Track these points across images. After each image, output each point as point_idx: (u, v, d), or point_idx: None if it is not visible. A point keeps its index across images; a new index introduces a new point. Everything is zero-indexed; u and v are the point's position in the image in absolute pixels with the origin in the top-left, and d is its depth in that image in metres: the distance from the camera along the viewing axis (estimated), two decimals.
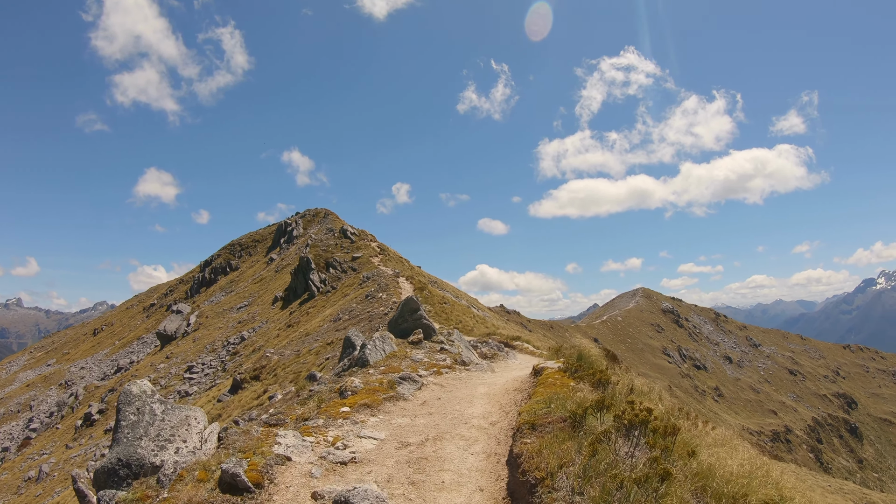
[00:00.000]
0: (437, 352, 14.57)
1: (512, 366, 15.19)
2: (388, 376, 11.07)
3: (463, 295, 57.73)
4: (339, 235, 58.31)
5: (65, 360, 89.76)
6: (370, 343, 13.23)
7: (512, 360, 16.19)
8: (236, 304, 66.00)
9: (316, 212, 78.39)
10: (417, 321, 16.56)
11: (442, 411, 9.55)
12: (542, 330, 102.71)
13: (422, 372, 12.02)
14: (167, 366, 60.48)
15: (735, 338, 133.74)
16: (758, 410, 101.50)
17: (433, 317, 26.65)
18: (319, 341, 26.79)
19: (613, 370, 11.82)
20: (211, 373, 49.75)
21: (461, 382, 11.97)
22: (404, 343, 15.42)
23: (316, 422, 8.23)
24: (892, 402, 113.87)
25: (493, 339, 21.14)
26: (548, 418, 6.93)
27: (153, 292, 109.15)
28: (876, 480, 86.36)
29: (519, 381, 11.56)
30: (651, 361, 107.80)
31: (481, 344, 17.77)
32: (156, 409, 6.24)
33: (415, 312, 16.78)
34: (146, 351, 76.36)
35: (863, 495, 29.13)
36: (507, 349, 17.93)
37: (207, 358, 54.33)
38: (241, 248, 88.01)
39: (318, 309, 41.12)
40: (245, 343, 50.42)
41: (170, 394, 51.26)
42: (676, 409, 8.52)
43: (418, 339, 15.47)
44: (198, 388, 48.38)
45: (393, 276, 38.13)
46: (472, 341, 18.13)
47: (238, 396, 25.37)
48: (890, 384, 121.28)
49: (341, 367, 13.25)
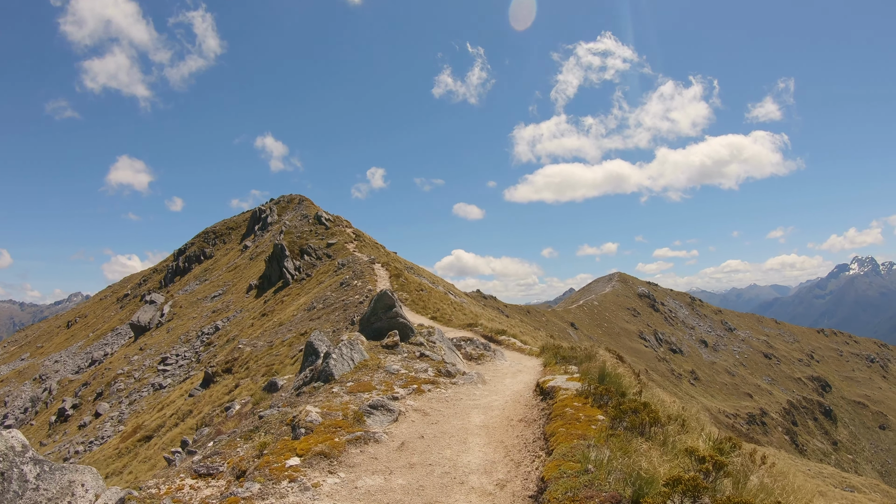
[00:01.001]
0: (416, 358, 12.19)
1: (502, 369, 13.26)
2: (356, 400, 8.70)
3: (440, 280, 57.20)
4: (313, 222, 57.11)
5: (39, 354, 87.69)
6: (335, 351, 10.83)
7: (500, 362, 14.29)
8: (210, 293, 64.66)
9: (290, 198, 76.80)
10: (393, 320, 14.06)
11: (427, 461, 6.76)
12: (520, 315, 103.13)
13: (398, 391, 9.51)
14: (141, 357, 59.20)
15: (710, 322, 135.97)
16: (733, 393, 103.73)
17: (410, 305, 26.02)
18: (293, 332, 26.06)
19: (644, 385, 9.79)
20: (185, 364, 48.74)
21: (449, 406, 9.23)
22: (377, 347, 12.89)
23: (249, 488, 5.66)
24: (866, 385, 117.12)
25: (477, 331, 19.91)
26: (592, 499, 4.42)
27: (127, 282, 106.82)
28: (850, 462, 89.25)
29: (522, 403, 8.97)
30: (628, 345, 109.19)
31: (465, 343, 15.73)
32: (27, 473, 4.42)
33: (389, 309, 14.22)
34: (120, 342, 74.80)
35: (842, 478, 29.70)
36: (493, 346, 15.84)
37: (182, 349, 53.23)
38: (215, 236, 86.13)
39: (292, 297, 40.25)
40: (219, 333, 49.40)
41: (144, 386, 50.23)
42: (727, 441, 6.24)
43: (394, 343, 12.87)
44: (172, 380, 47.39)
45: (368, 263, 37.33)
46: (454, 339, 16.05)
47: (210, 391, 24.62)
48: (863, 368, 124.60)
49: (302, 380, 10.83)
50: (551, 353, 13.80)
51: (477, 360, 14.13)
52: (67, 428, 52.21)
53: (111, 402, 51.20)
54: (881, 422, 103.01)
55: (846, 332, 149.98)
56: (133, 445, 24.81)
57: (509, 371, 12.89)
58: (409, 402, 9.08)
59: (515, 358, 15.26)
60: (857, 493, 24.81)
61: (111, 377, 57.27)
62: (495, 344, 17.46)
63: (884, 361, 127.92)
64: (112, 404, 50.43)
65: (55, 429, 53.80)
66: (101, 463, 25.87)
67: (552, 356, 12.96)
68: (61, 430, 52.40)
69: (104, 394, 53.96)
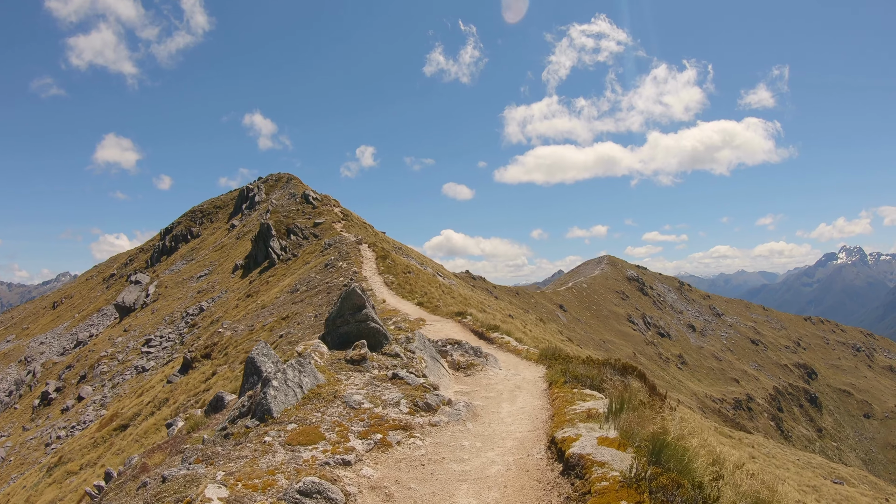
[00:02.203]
0: (386, 380, 9.06)
1: (497, 384, 10.52)
2: (290, 465, 5.74)
3: (428, 261, 56.29)
4: (300, 201, 55.88)
5: (24, 336, 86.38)
6: (278, 376, 7.80)
7: (494, 371, 11.63)
8: (196, 273, 63.45)
9: (279, 176, 75.32)
10: (362, 324, 10.99)
11: None
12: (509, 297, 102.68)
13: (354, 444, 6.53)
14: (125, 339, 58.13)
15: (699, 307, 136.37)
16: (720, 379, 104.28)
17: (396, 288, 25.04)
18: (274, 315, 25.09)
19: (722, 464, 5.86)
20: (169, 346, 47.76)
21: (424, 478, 6.05)
22: (339, 363, 9.68)
23: None
24: (851, 373, 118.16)
25: (466, 324, 17.78)
26: None
27: (113, 262, 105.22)
28: (835, 449, 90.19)
29: (533, 478, 5.78)
30: (616, 328, 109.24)
31: (451, 346, 13.03)
32: None
33: (358, 311, 11.15)
34: (106, 323, 73.67)
35: (831, 469, 29.38)
36: (484, 349, 13.29)
37: (166, 330, 52.18)
38: (202, 215, 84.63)
39: (277, 278, 39.22)
40: (204, 314, 48.36)
41: (127, 369, 49.26)
42: None
43: (360, 357, 9.83)
44: (155, 362, 46.44)
45: (355, 244, 36.29)
46: (439, 341, 13.39)
47: (187, 378, 23.71)
48: (849, 356, 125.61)
49: (238, 410, 7.71)
50: (557, 366, 10.90)
51: (466, 369, 11.60)
52: (51, 412, 51.39)
53: (94, 385, 50.30)
54: (866, 410, 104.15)
55: (833, 321, 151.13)
56: (109, 434, 23.94)
57: (505, 388, 10.17)
58: (366, 472, 5.92)
59: (511, 363, 12.76)
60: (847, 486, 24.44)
61: (95, 359, 56.28)
62: (486, 343, 15.09)
63: (869, 351, 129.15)
64: (95, 388, 49.55)
65: (39, 413, 52.94)
66: (77, 452, 25.02)
67: (559, 372, 10.07)
68: (45, 414, 51.57)
69: (87, 377, 53.03)
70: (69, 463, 23.73)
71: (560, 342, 49.32)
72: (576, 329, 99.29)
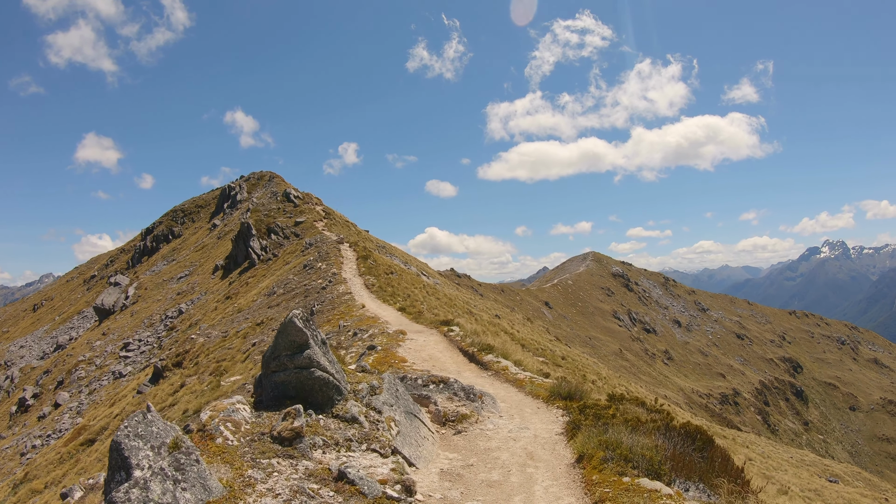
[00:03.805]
0: (329, 481, 5.36)
1: (501, 455, 7.36)
2: None
3: (412, 260, 55.32)
4: (282, 199, 54.62)
5: (4, 339, 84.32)
6: (148, 488, 4.26)
7: (493, 423, 8.58)
8: (177, 274, 61.97)
9: (261, 175, 73.85)
10: (304, 373, 6.98)
11: None
12: (494, 294, 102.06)
13: None
14: (103, 343, 56.61)
15: (684, 302, 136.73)
16: (706, 373, 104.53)
17: (377, 291, 23.93)
18: (249, 321, 24.02)
19: None
20: (147, 350, 46.42)
21: None
22: (262, 441, 5.87)
23: None
24: (837, 366, 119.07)
25: (453, 339, 14.62)
26: None
27: (94, 263, 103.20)
28: (821, 442, 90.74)
29: None
30: (601, 325, 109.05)
31: (436, 388, 9.52)
32: None
33: (298, 352, 7.03)
34: (86, 326, 71.97)
35: (824, 467, 28.99)
36: (478, 388, 9.80)
37: (144, 334, 50.77)
38: (183, 215, 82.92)
39: (257, 279, 38.07)
40: (183, 317, 47.03)
41: (104, 374, 47.88)
42: None
43: (293, 433, 5.95)
44: (132, 367, 45.10)
45: (336, 243, 35.19)
46: (420, 381, 9.76)
47: (156, 389, 22.63)
48: (834, 349, 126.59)
49: None
50: (588, 427, 7.63)
51: (456, 423, 8.53)
52: (28, 419, 49.97)
53: (71, 391, 48.94)
54: (851, 403, 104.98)
55: (817, 315, 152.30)
56: (76, 450, 22.79)
57: (514, 460, 7.14)
58: None
59: (513, 402, 9.67)
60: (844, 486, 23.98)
61: (73, 364, 54.83)
62: (479, 369, 12.15)
63: (854, 344, 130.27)
64: (72, 394, 48.19)
65: (16, 420, 51.42)
66: (43, 469, 23.84)
67: (595, 442, 6.93)
68: (22, 422, 50.08)
69: (65, 382, 51.63)
70: (34, 480, 22.54)
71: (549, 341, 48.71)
72: (561, 326, 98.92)
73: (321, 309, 20.06)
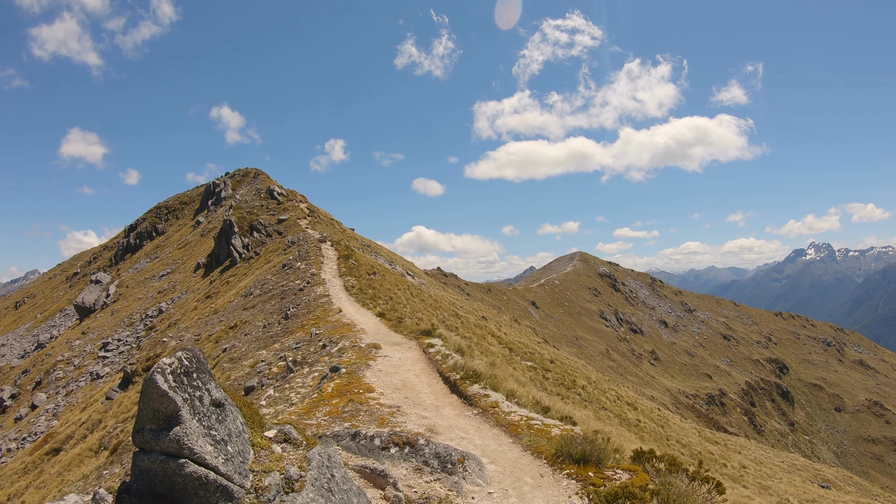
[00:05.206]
0: None
1: None
2: None
3: (398, 259, 54.56)
4: (265, 196, 53.61)
5: None
6: None
7: None
8: (159, 272, 60.80)
9: (246, 171, 72.66)
10: (171, 465, 3.88)
11: None
12: (481, 294, 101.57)
13: None
14: (82, 342, 55.41)
15: (670, 302, 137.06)
16: (693, 374, 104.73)
17: (356, 294, 23.15)
18: (223, 323, 23.19)
19: None
20: (126, 350, 45.37)
21: None
22: None
23: None
24: (822, 367, 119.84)
25: (433, 358, 12.64)
26: None
27: (77, 260, 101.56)
28: (807, 443, 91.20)
29: None
30: (588, 325, 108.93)
31: (399, 455, 6.65)
32: None
33: (165, 429, 3.94)
34: (67, 324, 70.63)
35: (815, 471, 28.67)
36: (460, 447, 7.29)
37: (124, 333, 49.67)
38: (167, 211, 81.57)
39: (238, 277, 37.19)
40: (162, 316, 46.01)
41: (82, 375, 46.80)
42: None
43: None
44: (111, 368, 44.07)
45: (317, 242, 34.35)
46: (378, 442, 6.83)
47: (124, 396, 21.78)
48: (819, 351, 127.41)
49: None
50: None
51: None
52: (4, 421, 48.81)
53: (48, 392, 47.81)
54: (837, 404, 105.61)
55: (803, 316, 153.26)
56: (40, 459, 21.90)
57: None
58: None
59: (508, 468, 6.91)
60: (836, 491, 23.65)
61: (51, 364, 53.64)
62: (464, 404, 9.72)
63: (840, 345, 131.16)
64: (49, 395, 47.08)
65: None
66: (7, 479, 22.92)
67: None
68: None
69: (43, 383, 50.47)
70: None
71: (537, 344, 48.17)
72: (548, 326, 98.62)
73: (296, 313, 19.31)
